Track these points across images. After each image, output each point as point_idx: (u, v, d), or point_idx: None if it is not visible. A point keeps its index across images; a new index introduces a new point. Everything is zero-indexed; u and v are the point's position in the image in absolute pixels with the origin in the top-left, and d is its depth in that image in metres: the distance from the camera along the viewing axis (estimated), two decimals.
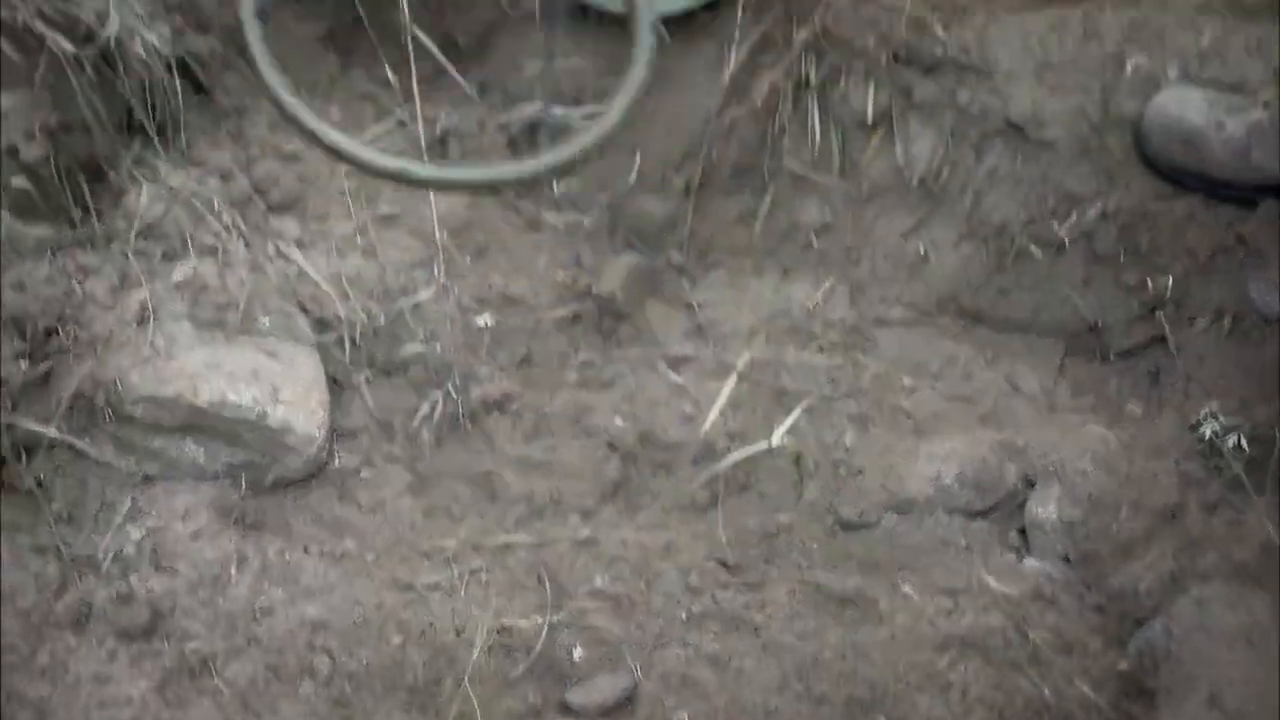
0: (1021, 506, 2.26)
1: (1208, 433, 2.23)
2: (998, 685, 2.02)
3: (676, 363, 2.51)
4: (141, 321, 2.21)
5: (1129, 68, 2.50)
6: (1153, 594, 2.13)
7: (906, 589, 2.15)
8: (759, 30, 2.62)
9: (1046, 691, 2.02)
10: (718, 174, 2.70)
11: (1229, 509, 2.20)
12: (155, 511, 2.20)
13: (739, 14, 2.63)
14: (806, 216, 2.65)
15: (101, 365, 2.17)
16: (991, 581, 2.16)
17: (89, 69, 2.33)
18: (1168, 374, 2.40)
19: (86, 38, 2.34)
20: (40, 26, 2.31)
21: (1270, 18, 2.49)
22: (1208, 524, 2.17)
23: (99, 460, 2.21)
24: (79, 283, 2.22)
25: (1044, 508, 2.22)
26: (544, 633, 2.12)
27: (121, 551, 2.16)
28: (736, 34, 2.63)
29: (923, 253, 2.58)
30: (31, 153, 2.29)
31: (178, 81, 2.43)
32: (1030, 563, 2.20)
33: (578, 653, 2.12)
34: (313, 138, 2.53)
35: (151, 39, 2.39)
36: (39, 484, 2.18)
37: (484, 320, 2.49)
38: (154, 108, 2.43)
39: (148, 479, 2.23)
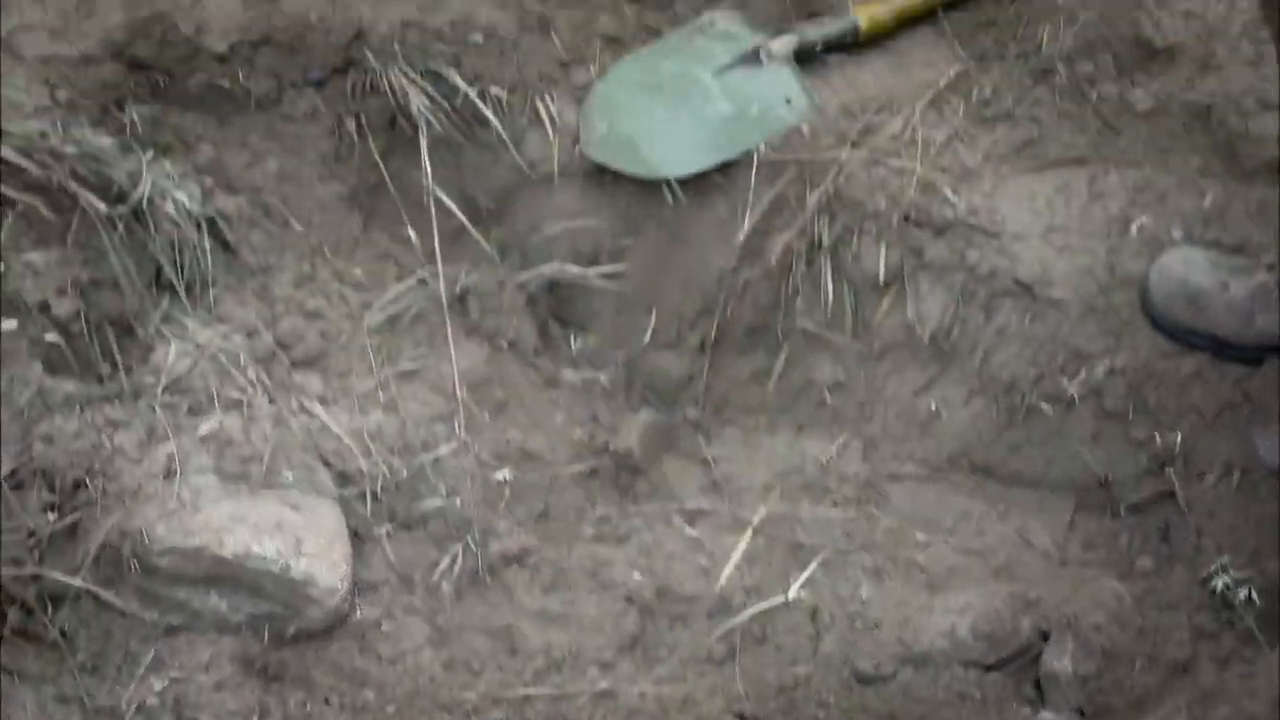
0: (1036, 660, 2.27)
1: (1219, 586, 2.27)
2: None
3: (693, 517, 2.54)
4: (168, 475, 2.25)
5: (1134, 229, 2.56)
6: None
7: None
8: (772, 191, 2.69)
9: None
10: (732, 332, 2.76)
11: (1241, 662, 2.22)
12: (178, 663, 2.22)
13: (753, 176, 2.70)
14: (820, 374, 2.70)
15: (129, 517, 2.21)
16: None
17: (120, 228, 2.40)
18: (1178, 528, 2.42)
19: (119, 198, 2.41)
20: (74, 186, 2.38)
21: (1270, 181, 2.55)
22: (1220, 677, 2.19)
23: (124, 611, 2.23)
24: (108, 437, 2.26)
25: (1058, 661, 2.23)
26: None
27: (145, 703, 2.18)
28: (750, 196, 2.70)
29: (934, 409, 2.62)
30: (63, 309, 2.35)
31: (206, 240, 2.49)
32: (1045, 716, 2.21)
33: None
34: None
35: (182, 198, 2.47)
36: (64, 635, 2.20)
37: (503, 475, 2.53)
38: (182, 265, 2.49)
39: (171, 630, 2.25)
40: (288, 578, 2.22)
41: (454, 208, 2.76)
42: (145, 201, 2.41)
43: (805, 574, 2.39)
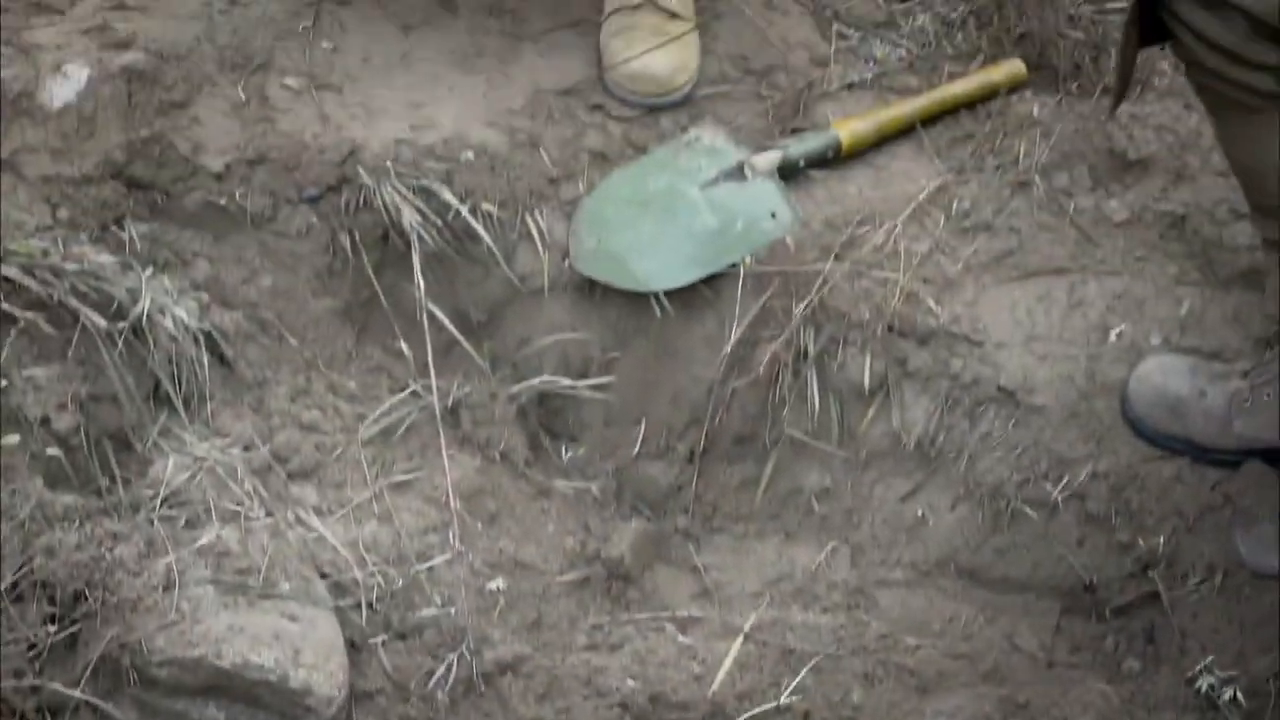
0: None
1: (1204, 686, 2.30)
2: None
3: (685, 624, 2.57)
4: (167, 586, 2.27)
5: (1113, 336, 2.63)
6: None
7: None
8: (758, 304, 2.75)
9: None
10: (720, 441, 2.81)
11: None
12: None
13: (739, 289, 2.76)
14: (807, 482, 2.74)
15: (128, 629, 2.21)
16: None
17: (120, 344, 2.44)
18: (1163, 630, 2.46)
19: (119, 314, 2.46)
20: (75, 303, 2.43)
21: (1244, 287, 2.62)
22: None
23: None
24: (107, 549, 2.28)
25: None
26: None
27: None
28: (737, 308, 2.75)
29: (921, 515, 2.67)
30: (63, 423, 2.39)
31: (204, 355, 2.54)
32: None
33: None
34: None
35: (180, 314, 2.51)
36: None
37: (496, 585, 2.55)
38: (180, 380, 2.53)
39: None
40: (286, 688, 2.24)
41: (446, 321, 2.81)
42: (144, 318, 2.46)
43: (796, 680, 2.42)
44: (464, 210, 2.81)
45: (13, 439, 2.31)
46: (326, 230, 2.82)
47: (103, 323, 2.43)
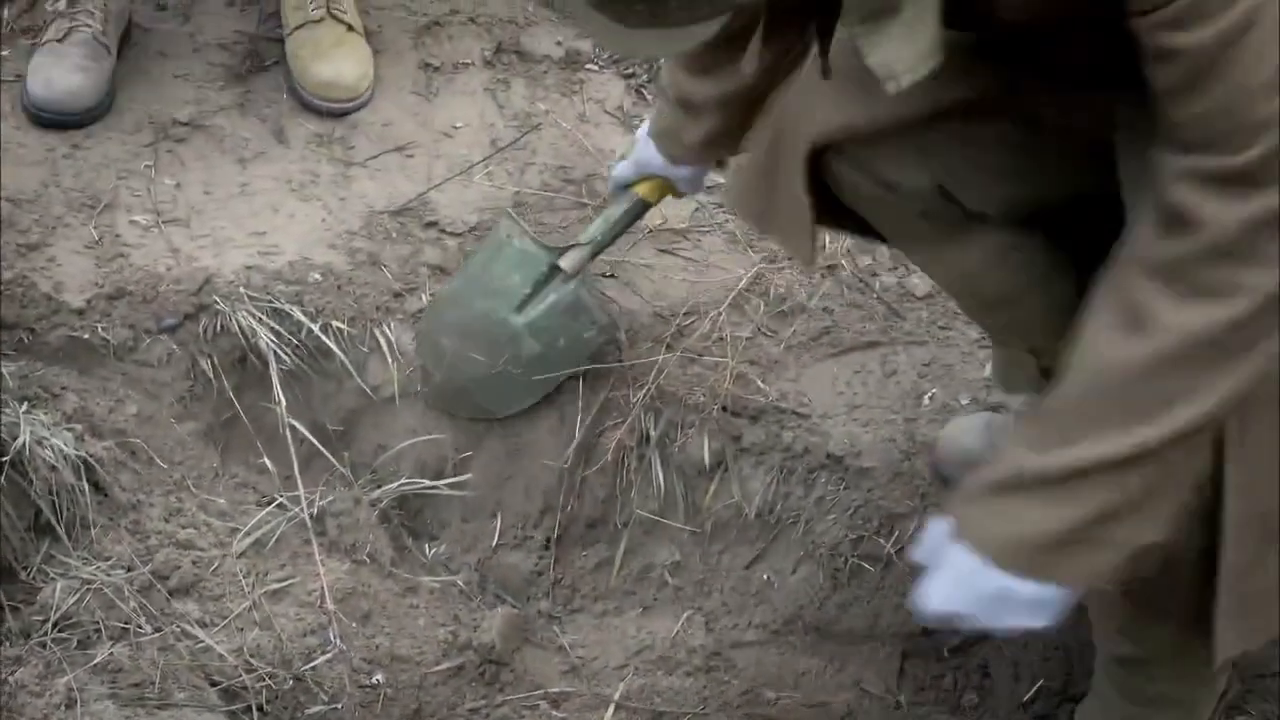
0: None
1: (1040, 710, 2.52)
2: None
3: (557, 700, 2.72)
4: (69, 704, 2.35)
5: (926, 400, 2.87)
6: None
7: None
8: (600, 397, 2.93)
9: None
10: (574, 527, 2.98)
11: None
12: None
13: (580, 386, 2.94)
14: (658, 557, 2.93)
15: None
16: None
17: (2, 478, 2.54)
18: (996, 663, 2.67)
19: None
20: None
21: None
22: None
23: None
24: (8, 673, 2.37)
25: None
26: None
27: None
28: (580, 402, 2.93)
29: (767, 579, 2.86)
30: None
31: (85, 483, 2.64)
32: None
33: None
34: None
35: (59, 444, 2.61)
36: None
37: (376, 679, 2.67)
38: (61, 508, 2.62)
39: None
40: None
41: (306, 433, 2.95)
42: (24, 451, 2.56)
43: None
44: (315, 328, 2.96)
45: None
46: (186, 357, 2.94)
47: None
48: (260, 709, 2.53)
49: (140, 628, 2.53)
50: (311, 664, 2.62)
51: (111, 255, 3.00)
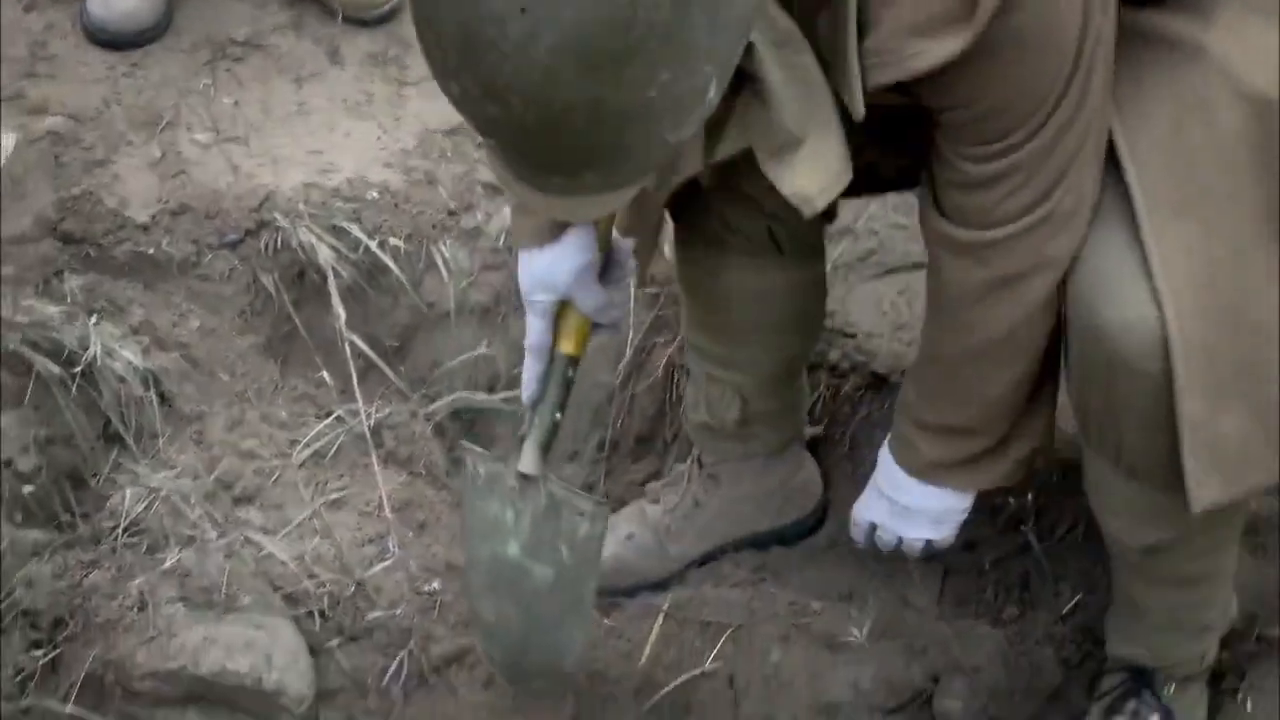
0: (928, 701, 2.57)
1: (1079, 621, 2.59)
2: None
3: (607, 609, 2.79)
4: (141, 606, 2.45)
5: None
6: None
7: None
8: (651, 314, 3.00)
9: None
10: (624, 442, 3.05)
11: None
12: None
13: (631, 304, 3.00)
14: None
15: (109, 647, 2.40)
16: None
17: (73, 388, 2.62)
18: (1036, 577, 2.74)
19: (69, 361, 2.63)
20: (28, 352, 2.60)
21: None
22: (1088, 700, 2.50)
23: None
24: (82, 577, 2.46)
25: (949, 700, 2.53)
26: None
27: None
28: (631, 319, 3.00)
29: None
30: (26, 465, 2.56)
31: (152, 394, 2.72)
32: None
33: None
34: None
35: (127, 356, 2.69)
36: None
37: (433, 586, 2.75)
38: (128, 419, 2.71)
39: None
40: (261, 690, 2.43)
41: (364, 348, 3.02)
42: (95, 362, 2.63)
43: (717, 648, 2.65)
44: (373, 245, 3.02)
45: None
46: (247, 272, 3.01)
47: (56, 369, 2.60)
48: (322, 614, 2.61)
49: (206, 534, 2.62)
50: (371, 571, 2.69)
51: (174, 172, 3.07)
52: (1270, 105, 1.88)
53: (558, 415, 2.37)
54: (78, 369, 2.62)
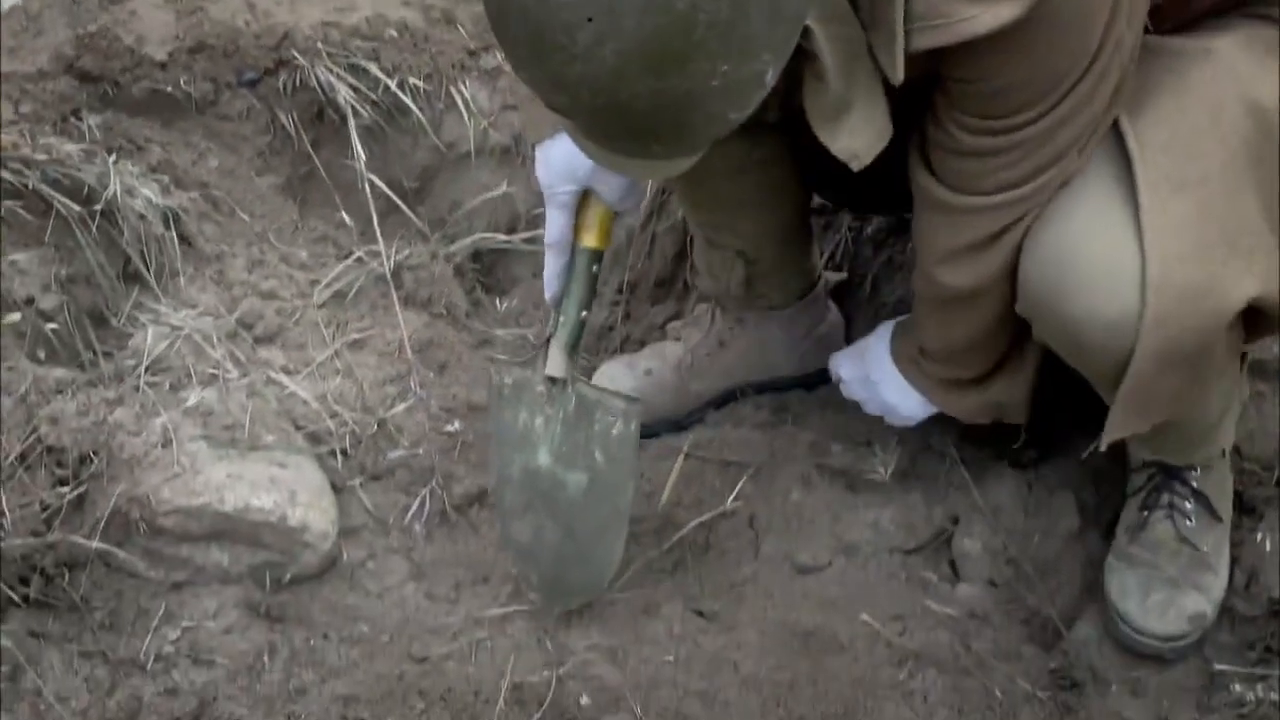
0: (949, 542, 2.59)
1: (1098, 463, 2.59)
2: (954, 688, 2.34)
3: None
4: (165, 444, 2.46)
5: None
6: (1070, 604, 2.48)
7: (863, 617, 2.46)
8: None
9: (995, 691, 2.34)
10: (644, 283, 3.04)
11: None
12: (188, 613, 2.42)
13: None
14: None
15: (134, 484, 2.40)
16: (933, 606, 2.48)
17: (93, 227, 2.61)
18: (1057, 420, 2.74)
19: (89, 199, 2.62)
20: (48, 190, 2.59)
21: None
22: (1105, 543, 2.51)
23: (132, 572, 2.43)
24: (106, 414, 2.46)
25: (969, 540, 2.55)
26: (553, 685, 2.38)
27: (161, 651, 2.36)
28: None
29: None
30: (48, 303, 2.56)
31: (173, 232, 2.71)
32: (963, 588, 2.52)
33: (584, 699, 2.37)
34: None
35: (147, 194, 2.68)
36: (82, 598, 2.39)
37: (454, 426, 2.77)
38: (149, 257, 2.70)
39: (177, 586, 2.45)
40: (284, 526, 2.45)
41: (384, 189, 3.00)
42: (116, 200, 2.62)
43: (738, 487, 2.67)
44: (392, 84, 3.00)
45: (14, 317, 2.48)
46: (266, 111, 3.00)
47: (76, 207, 2.59)
48: (344, 453, 2.63)
49: (228, 373, 2.63)
50: (392, 411, 2.71)
51: (190, 9, 3.03)
52: (1271, 115, 1.96)
53: (584, 313, 2.35)
54: (97, 207, 2.61)
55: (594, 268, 2.33)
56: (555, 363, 2.33)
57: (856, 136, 1.95)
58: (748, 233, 2.65)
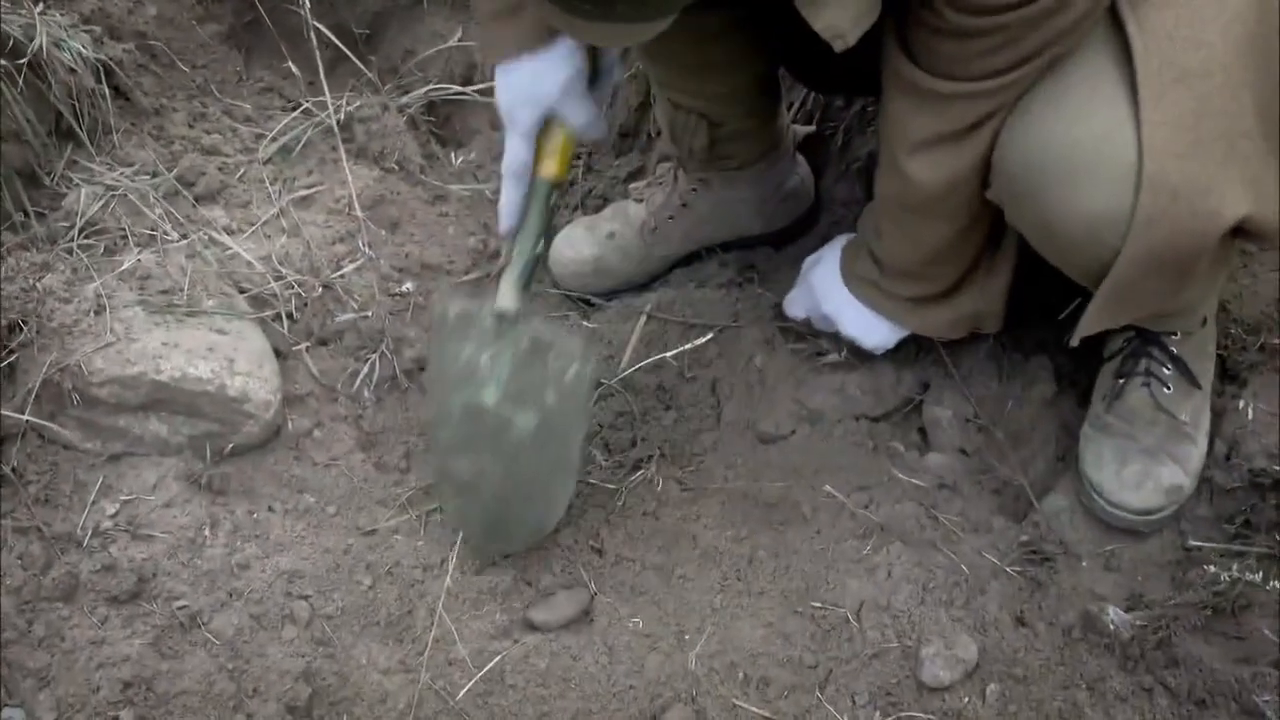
0: (918, 409, 2.49)
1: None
2: (919, 563, 2.25)
3: (587, 312, 2.71)
4: (98, 310, 2.35)
5: None
6: (1043, 474, 2.39)
7: (827, 488, 2.37)
8: None
9: (962, 565, 2.25)
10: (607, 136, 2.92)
11: None
12: (126, 487, 2.32)
13: None
14: None
15: (66, 353, 2.29)
16: (900, 475, 2.39)
17: (20, 81, 2.47)
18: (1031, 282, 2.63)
19: (15, 51, 2.47)
20: None
21: None
22: (1079, 414, 2.41)
23: (67, 444, 2.34)
24: (35, 280, 2.35)
25: (939, 407, 2.46)
26: (504, 557, 2.31)
27: (100, 526, 2.28)
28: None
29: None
30: None
31: (104, 87, 2.58)
32: (933, 457, 2.43)
33: (540, 577, 2.32)
34: None
35: (76, 47, 2.54)
36: (14, 471, 2.30)
37: (406, 287, 2.66)
38: (82, 113, 2.57)
39: (114, 458, 2.35)
40: (224, 396, 2.35)
41: (332, 37, 2.86)
42: (43, 53, 2.48)
43: (691, 345, 2.58)
44: None
45: None
46: None
47: (1, 61, 2.45)
48: (290, 316, 2.53)
49: (167, 234, 2.52)
50: (341, 272, 2.61)
51: None
52: (1273, 6, 1.82)
53: (539, 246, 2.21)
54: (23, 60, 2.46)
55: (552, 198, 2.21)
56: (506, 297, 2.18)
57: (840, 11, 1.81)
58: (712, 95, 2.52)
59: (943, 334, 2.37)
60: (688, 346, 2.56)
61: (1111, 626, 2.18)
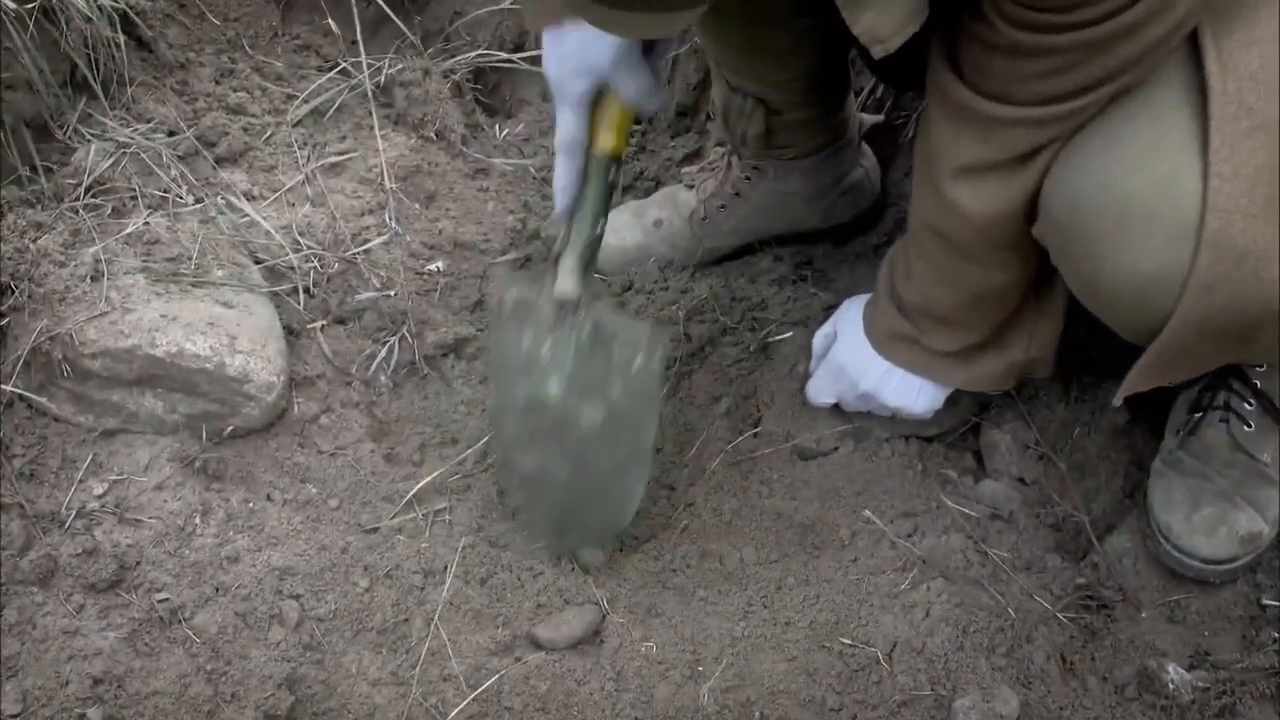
0: (974, 431, 2.30)
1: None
2: (960, 603, 2.06)
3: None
4: (96, 277, 2.20)
5: None
6: (1107, 510, 2.19)
7: (867, 513, 2.18)
8: None
9: (1009, 608, 2.06)
10: (664, 115, 2.77)
11: None
12: (116, 466, 2.18)
13: None
14: None
15: (57, 321, 2.15)
16: (950, 503, 2.20)
17: (31, 26, 2.32)
18: None
19: None
20: None
21: None
22: (1155, 445, 2.21)
23: (57, 417, 2.20)
24: (31, 240, 2.21)
25: (998, 431, 2.26)
26: (509, 566, 2.15)
27: (85, 507, 2.14)
28: None
29: None
30: None
31: (121, 36, 2.43)
32: (987, 485, 2.23)
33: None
34: None
35: None
36: (0, 443, 2.17)
37: (436, 266, 2.51)
38: (98, 63, 2.43)
39: (107, 434, 2.21)
40: (223, 375, 2.19)
41: None
42: None
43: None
44: None
45: None
46: None
47: (11, 4, 2.30)
48: (307, 291, 2.39)
49: (180, 197, 2.38)
50: (366, 246, 2.45)
51: None
52: None
53: (600, 226, 2.06)
54: (33, 4, 2.31)
55: (611, 174, 2.04)
56: (566, 282, 2.03)
57: (883, 17, 1.67)
58: (770, 80, 2.33)
59: (994, 387, 2.16)
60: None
61: (1171, 686, 1.99)
